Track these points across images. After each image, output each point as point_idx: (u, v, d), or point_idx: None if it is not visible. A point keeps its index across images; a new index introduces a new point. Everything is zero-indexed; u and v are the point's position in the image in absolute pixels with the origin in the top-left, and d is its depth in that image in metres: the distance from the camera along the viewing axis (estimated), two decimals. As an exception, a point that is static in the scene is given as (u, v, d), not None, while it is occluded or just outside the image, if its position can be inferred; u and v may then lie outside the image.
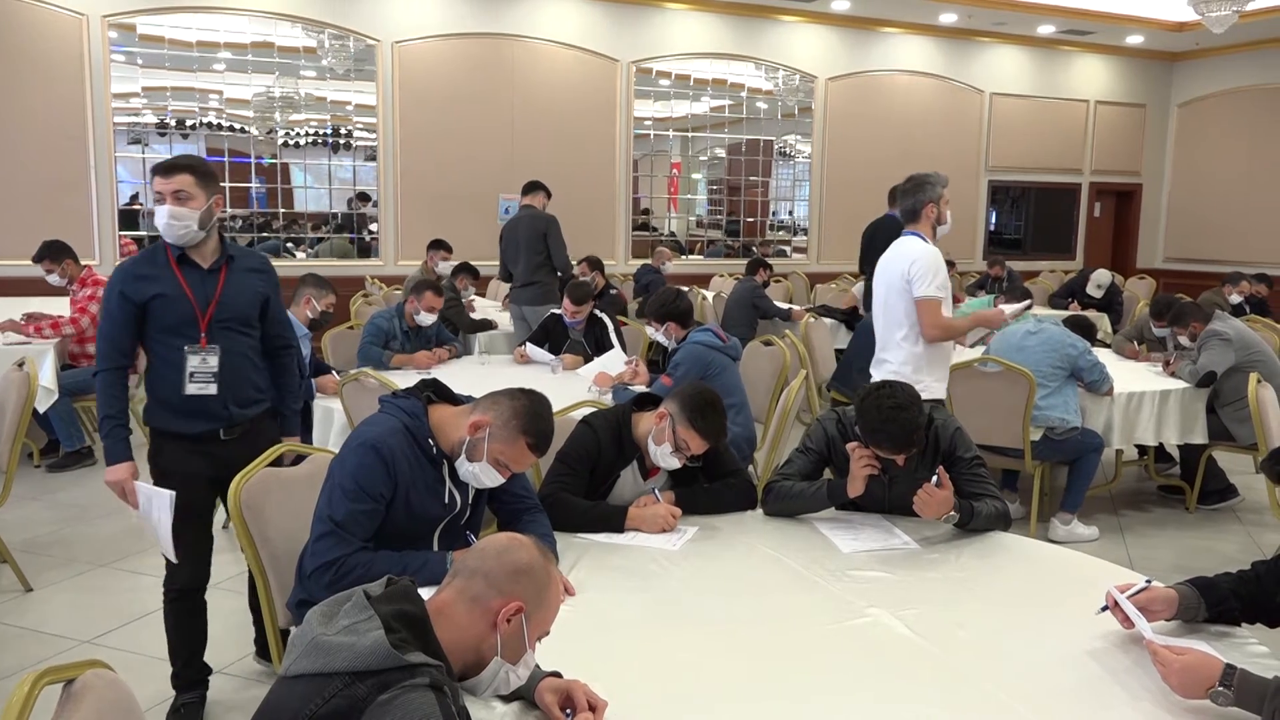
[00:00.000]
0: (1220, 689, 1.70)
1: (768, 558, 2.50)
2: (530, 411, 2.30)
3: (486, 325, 6.92)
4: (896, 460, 2.70)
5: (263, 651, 3.26)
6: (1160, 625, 2.00)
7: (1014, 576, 2.42)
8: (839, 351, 7.23)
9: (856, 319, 7.92)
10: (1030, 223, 13.43)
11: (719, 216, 12.02)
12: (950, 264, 10.70)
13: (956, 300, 5.59)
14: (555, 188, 8.31)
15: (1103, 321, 8.71)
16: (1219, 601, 2.06)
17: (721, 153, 11.85)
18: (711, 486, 2.88)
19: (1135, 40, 12.77)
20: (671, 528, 2.65)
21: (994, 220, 13.20)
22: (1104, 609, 2.02)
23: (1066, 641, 2.00)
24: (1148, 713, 1.73)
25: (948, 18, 11.62)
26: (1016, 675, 1.87)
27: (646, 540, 2.60)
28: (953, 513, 2.59)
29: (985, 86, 12.66)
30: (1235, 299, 8.26)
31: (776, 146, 11.95)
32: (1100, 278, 9.15)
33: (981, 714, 1.73)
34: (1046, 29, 12.18)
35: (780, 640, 2.02)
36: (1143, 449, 5.68)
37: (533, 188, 7.05)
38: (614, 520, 2.66)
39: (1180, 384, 5.14)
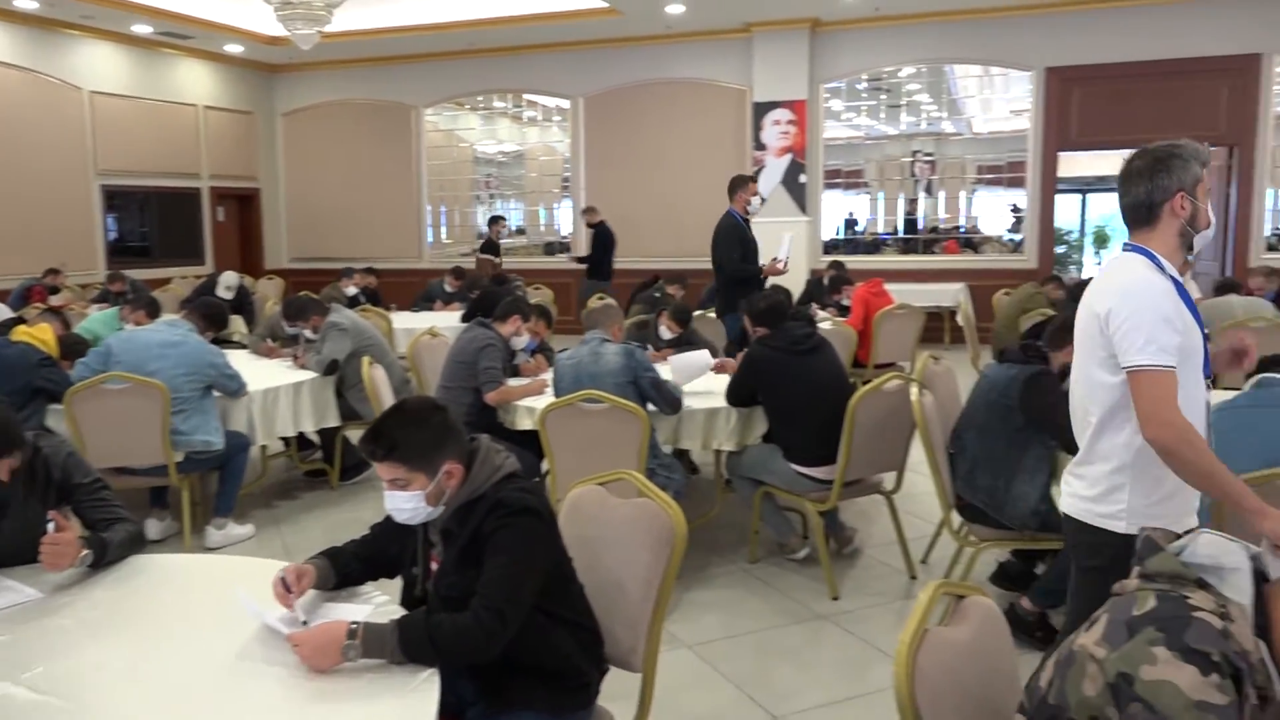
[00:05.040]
0: (349, 643, 1.88)
1: None
2: None
3: None
4: None
5: None
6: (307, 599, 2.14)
7: (162, 596, 2.32)
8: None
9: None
10: (156, 228, 12.95)
11: None
12: (54, 272, 9.74)
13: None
14: None
15: (237, 323, 8.89)
16: (345, 565, 2.28)
17: None
18: None
19: (236, 49, 13.18)
20: None
21: (115, 227, 12.39)
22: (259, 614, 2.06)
23: (220, 645, 1.99)
24: (301, 690, 1.82)
25: (26, 4, 10.45)
26: (165, 695, 1.80)
27: None
28: (85, 553, 2.36)
29: (85, 84, 11.75)
30: (351, 290, 9.20)
31: None
32: (228, 279, 9.31)
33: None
34: (143, 28, 11.79)
35: None
36: (286, 440, 5.98)
37: None
38: None
39: (311, 374, 5.52)
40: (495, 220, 11.81)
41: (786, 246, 6.46)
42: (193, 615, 2.20)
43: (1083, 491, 2.40)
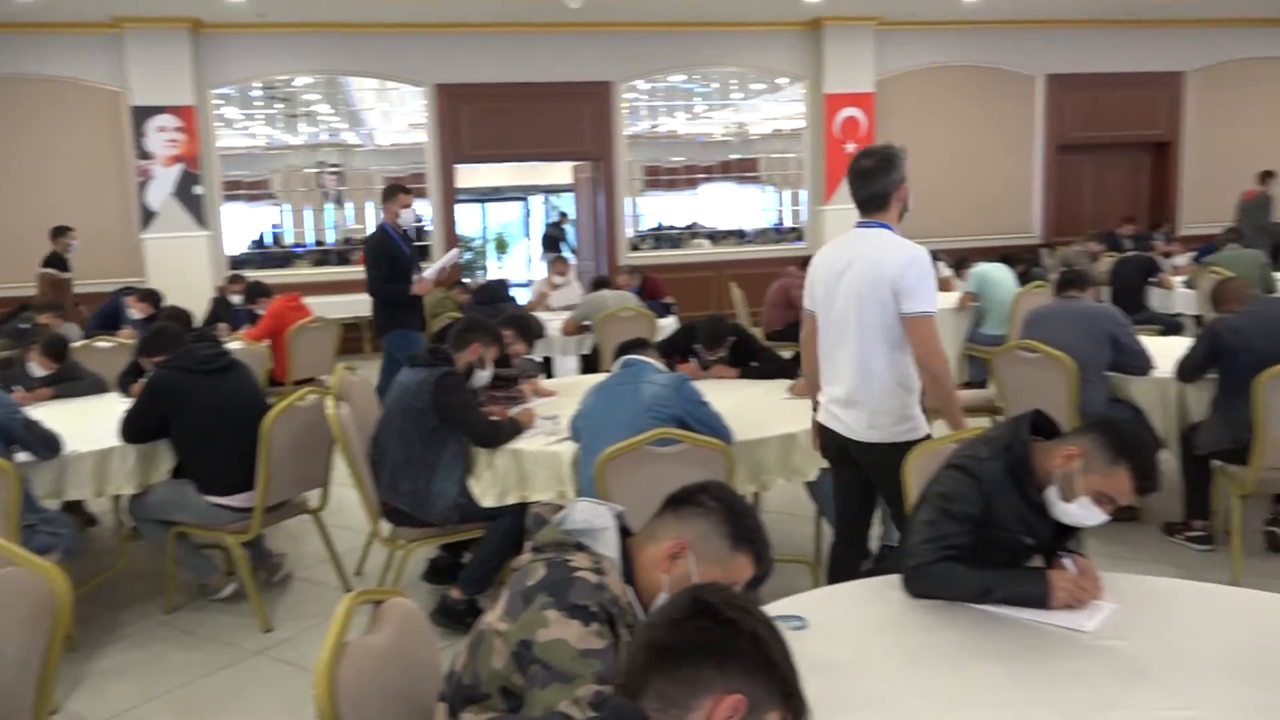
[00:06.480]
0: None
1: None
2: None
3: None
4: None
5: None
6: None
7: None
8: None
9: None
10: None
11: None
12: None
13: None
14: None
15: None
16: None
17: None
18: None
19: None
20: None
21: None
22: None
23: None
24: None
25: None
26: None
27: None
28: None
29: None
30: None
31: None
32: None
33: None
34: None
35: None
36: None
37: None
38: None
39: None
40: (63, 231, 9.10)
41: (440, 264, 6.48)
42: None
43: (885, 422, 2.98)
